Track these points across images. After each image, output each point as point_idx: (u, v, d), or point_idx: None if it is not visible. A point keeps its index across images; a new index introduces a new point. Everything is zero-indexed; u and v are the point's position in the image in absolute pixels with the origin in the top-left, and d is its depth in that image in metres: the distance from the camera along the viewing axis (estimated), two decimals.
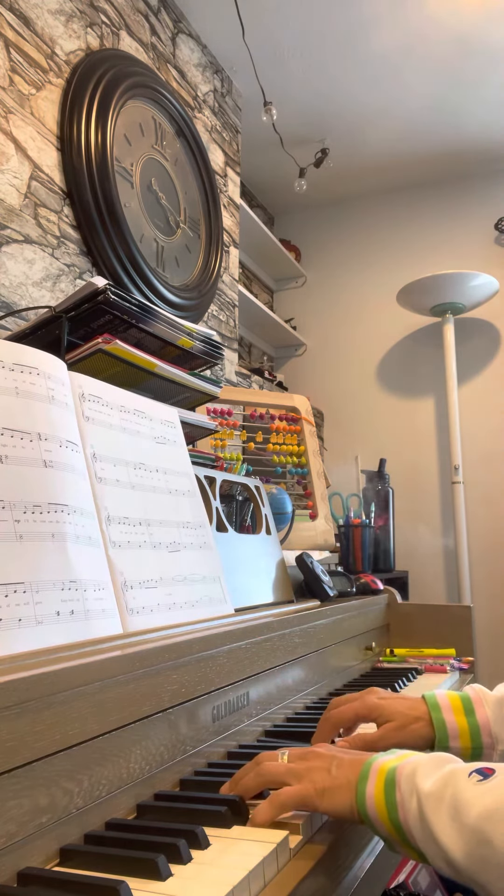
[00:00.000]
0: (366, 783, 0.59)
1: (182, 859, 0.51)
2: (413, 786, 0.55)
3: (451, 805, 0.52)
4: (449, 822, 0.52)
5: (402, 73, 2.57)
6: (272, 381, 3.00)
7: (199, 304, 2.12)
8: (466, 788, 0.52)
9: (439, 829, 0.52)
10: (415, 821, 0.54)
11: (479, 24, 2.32)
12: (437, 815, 0.53)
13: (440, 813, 0.53)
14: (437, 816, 0.53)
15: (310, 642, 1.06)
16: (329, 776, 0.61)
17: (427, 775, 0.56)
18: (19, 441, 0.68)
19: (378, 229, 3.44)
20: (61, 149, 1.64)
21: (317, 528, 1.64)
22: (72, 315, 0.95)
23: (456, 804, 0.52)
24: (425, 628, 1.51)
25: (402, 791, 0.56)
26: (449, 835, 0.51)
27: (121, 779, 0.60)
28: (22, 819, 0.49)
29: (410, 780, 0.56)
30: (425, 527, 3.15)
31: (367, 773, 0.59)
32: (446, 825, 0.52)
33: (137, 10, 1.99)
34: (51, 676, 0.52)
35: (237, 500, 1.29)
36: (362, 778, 0.59)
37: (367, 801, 0.58)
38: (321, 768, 0.62)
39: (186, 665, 0.70)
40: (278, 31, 2.34)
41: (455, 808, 0.52)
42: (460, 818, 0.51)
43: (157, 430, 0.94)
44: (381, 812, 0.57)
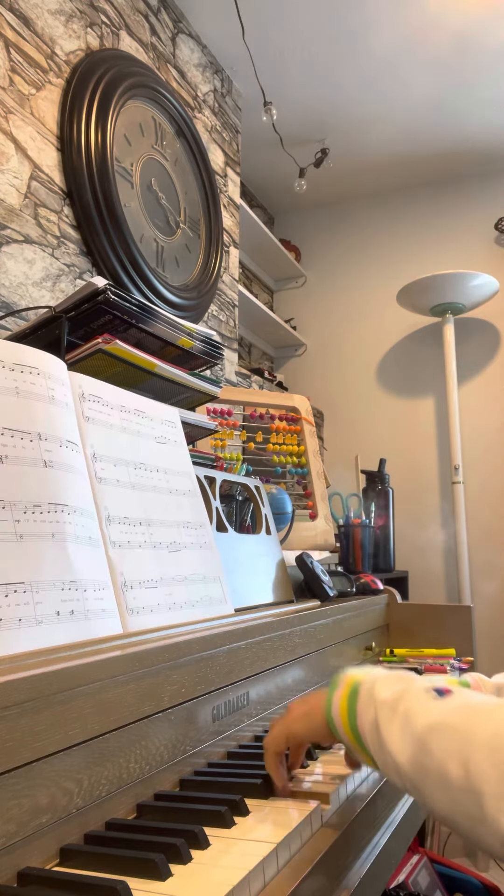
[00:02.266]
0: (334, 691, 0.65)
1: (182, 859, 0.51)
2: (372, 696, 0.61)
3: (404, 715, 0.56)
4: (399, 731, 0.56)
5: (402, 73, 2.57)
6: (272, 381, 3.00)
7: (199, 304, 2.12)
8: (420, 703, 0.57)
9: (390, 736, 0.57)
10: (370, 727, 0.59)
11: (479, 24, 2.31)
12: (389, 724, 0.57)
13: (393, 722, 0.57)
14: (390, 725, 0.57)
15: (310, 642, 1.06)
16: (305, 704, 0.68)
17: (386, 687, 0.61)
18: (19, 441, 0.68)
19: (378, 229, 3.44)
20: (61, 149, 1.64)
21: (317, 528, 1.64)
22: (72, 315, 0.95)
23: (408, 714, 0.56)
24: (425, 628, 1.51)
25: (362, 700, 0.62)
26: (397, 742, 0.56)
27: (121, 779, 0.60)
28: (22, 819, 0.49)
29: (370, 691, 0.62)
30: (425, 527, 3.15)
31: (336, 683, 0.66)
32: (396, 733, 0.56)
33: (137, 10, 1.99)
34: (51, 676, 0.52)
35: (237, 500, 1.29)
36: (332, 687, 0.66)
37: (333, 706, 0.64)
38: (298, 703, 0.70)
39: (186, 665, 0.70)
40: (278, 31, 2.34)
41: (406, 717, 0.56)
42: (409, 727, 0.55)
43: (157, 430, 0.94)
44: (343, 717, 0.62)
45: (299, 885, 0.52)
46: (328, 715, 0.64)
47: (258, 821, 0.60)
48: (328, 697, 0.65)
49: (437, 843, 2.26)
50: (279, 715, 0.71)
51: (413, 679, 0.62)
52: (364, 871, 0.59)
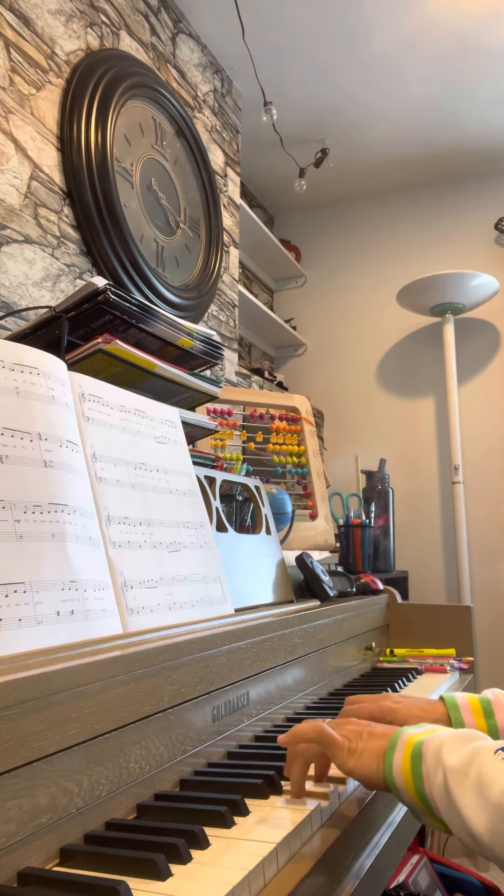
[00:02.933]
0: (393, 753, 0.61)
1: (182, 859, 0.51)
2: (439, 760, 0.58)
3: (476, 781, 0.54)
4: (473, 798, 0.54)
5: (402, 73, 2.57)
6: (272, 381, 3.00)
7: (199, 304, 2.12)
8: (492, 766, 0.54)
9: (463, 803, 0.54)
10: (440, 794, 0.57)
11: (480, 24, 2.32)
12: (461, 790, 0.55)
13: (465, 788, 0.55)
14: (462, 791, 0.55)
15: (310, 642, 1.06)
16: (361, 740, 0.65)
17: (453, 750, 0.58)
18: (19, 441, 0.68)
19: (378, 229, 3.44)
20: (61, 149, 1.64)
21: (317, 528, 1.64)
22: (72, 315, 0.95)
23: (481, 780, 0.54)
24: (425, 628, 1.51)
25: (428, 764, 0.58)
26: (473, 809, 0.53)
27: (121, 779, 0.60)
28: (22, 819, 0.49)
29: (437, 754, 0.58)
30: (425, 527, 3.15)
31: (395, 744, 0.62)
32: (471, 800, 0.54)
33: (137, 10, 1.99)
34: (51, 676, 0.52)
35: (237, 500, 1.29)
36: (390, 748, 0.62)
37: (395, 771, 0.60)
38: (355, 731, 0.66)
39: (186, 665, 0.70)
40: (278, 32, 2.34)
41: (480, 783, 0.54)
42: (484, 794, 0.53)
43: (157, 430, 0.94)
44: (408, 783, 0.59)
45: (299, 885, 0.52)
46: (389, 777, 0.61)
47: (258, 821, 0.60)
48: (387, 761, 0.62)
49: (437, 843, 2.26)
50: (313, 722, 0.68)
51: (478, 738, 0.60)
52: (364, 871, 0.59)
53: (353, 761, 0.63)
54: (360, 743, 0.64)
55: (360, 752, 0.64)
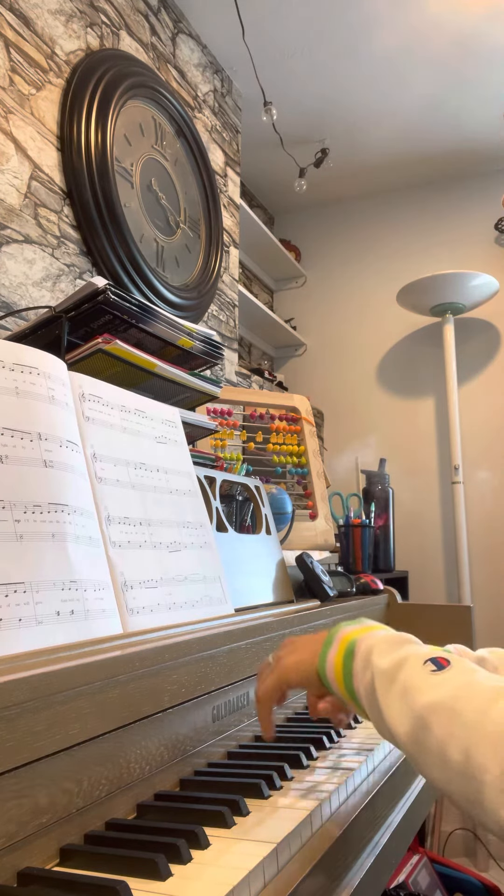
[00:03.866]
0: (329, 648, 0.66)
1: (182, 859, 0.51)
2: (368, 661, 0.61)
3: (402, 687, 0.57)
4: (397, 703, 0.57)
5: (402, 74, 2.57)
6: (272, 381, 3.00)
7: (199, 304, 2.12)
8: (419, 676, 0.57)
9: (387, 705, 0.58)
10: (366, 692, 0.60)
11: (479, 24, 2.31)
12: (387, 694, 0.58)
13: (390, 692, 0.58)
14: (387, 695, 0.58)
15: None
16: (296, 653, 0.69)
17: (383, 653, 0.61)
18: (19, 441, 0.68)
19: (378, 229, 3.44)
20: (61, 149, 1.64)
21: (317, 528, 1.64)
22: (72, 315, 0.95)
23: (406, 688, 0.57)
24: (425, 628, 1.51)
25: (358, 663, 0.62)
26: (396, 714, 0.56)
27: (121, 779, 0.60)
28: (22, 819, 0.49)
29: (367, 654, 0.62)
30: (425, 527, 3.15)
31: (331, 640, 0.66)
32: (394, 704, 0.57)
33: (137, 10, 1.99)
34: (51, 676, 0.52)
35: (237, 500, 1.29)
36: (326, 643, 0.66)
37: (327, 664, 0.65)
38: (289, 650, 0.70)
39: (186, 665, 0.70)
40: (278, 31, 2.34)
41: (405, 690, 0.56)
42: (408, 702, 0.56)
43: (157, 430, 0.94)
44: (338, 677, 0.64)
45: (299, 885, 0.52)
46: (322, 671, 0.65)
47: (258, 821, 0.60)
48: (322, 653, 0.66)
49: (437, 843, 2.26)
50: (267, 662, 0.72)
51: (410, 644, 0.62)
52: (364, 871, 0.59)
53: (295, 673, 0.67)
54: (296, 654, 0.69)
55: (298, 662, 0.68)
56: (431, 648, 0.61)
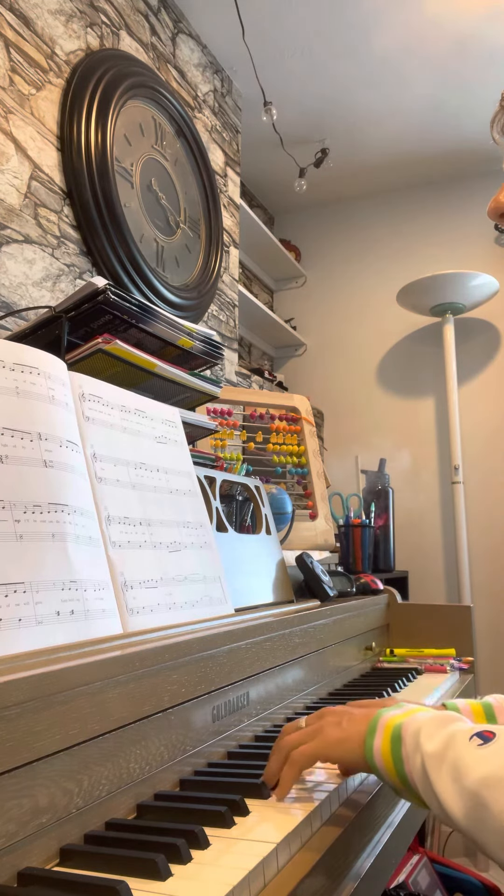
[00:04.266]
0: (373, 737, 0.63)
1: (182, 859, 0.51)
2: (417, 744, 0.59)
3: (453, 767, 0.55)
4: (450, 783, 0.55)
5: (402, 74, 2.57)
6: (272, 381, 3.00)
7: (199, 304, 2.12)
8: (467, 752, 0.55)
9: (440, 788, 0.56)
10: (419, 776, 0.58)
11: (479, 24, 2.31)
12: (438, 775, 0.56)
13: (442, 773, 0.56)
14: (439, 776, 0.56)
15: (310, 642, 1.06)
16: (340, 729, 0.66)
17: (430, 735, 0.59)
18: (19, 441, 0.68)
19: (378, 229, 3.44)
20: (61, 149, 1.64)
21: (317, 528, 1.64)
22: (72, 315, 0.95)
23: (457, 766, 0.55)
24: (425, 628, 1.51)
25: (408, 747, 0.60)
26: (450, 795, 0.55)
27: (121, 779, 0.60)
28: (22, 819, 0.49)
29: (415, 738, 0.60)
30: (425, 527, 3.15)
31: (374, 728, 0.64)
32: (447, 785, 0.55)
33: (137, 10, 1.99)
34: (51, 676, 0.52)
35: (237, 500, 1.29)
36: (370, 732, 0.64)
37: (375, 753, 0.62)
38: (333, 723, 0.67)
39: (186, 665, 0.70)
40: (278, 31, 2.34)
41: (456, 769, 0.55)
42: (460, 781, 0.54)
43: (157, 430, 0.94)
44: (388, 765, 0.61)
45: (299, 885, 0.52)
46: (370, 760, 0.63)
47: (258, 821, 0.60)
48: (368, 744, 0.63)
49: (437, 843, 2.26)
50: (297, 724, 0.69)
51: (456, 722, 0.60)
52: (364, 871, 0.59)
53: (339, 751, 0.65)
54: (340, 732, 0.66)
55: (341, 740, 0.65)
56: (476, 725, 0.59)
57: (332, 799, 0.66)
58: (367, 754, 0.63)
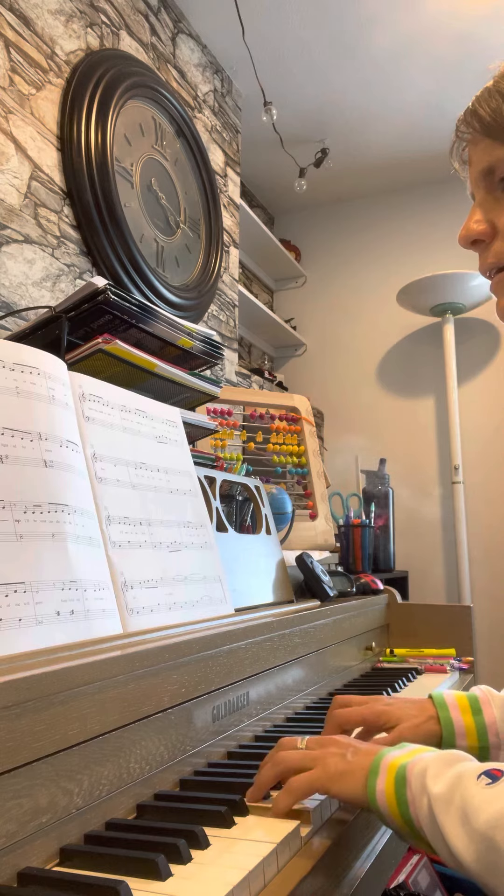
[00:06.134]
0: (376, 778, 0.60)
1: (182, 859, 0.51)
2: (423, 786, 0.56)
3: (461, 809, 0.52)
4: (459, 826, 0.52)
5: (402, 73, 2.57)
6: (272, 381, 3.00)
7: (199, 304, 2.12)
8: (475, 793, 0.52)
9: (449, 831, 0.53)
10: (426, 820, 0.55)
11: (479, 24, 2.31)
12: (446, 818, 0.53)
13: (450, 816, 0.53)
14: (447, 819, 0.53)
15: (310, 642, 1.06)
16: (344, 761, 0.62)
17: (436, 776, 0.56)
18: (19, 441, 0.68)
19: (378, 229, 3.44)
20: (61, 149, 1.64)
21: (317, 528, 1.64)
22: (72, 315, 0.95)
23: (465, 808, 0.52)
24: (425, 628, 1.51)
25: (413, 790, 0.57)
26: (459, 838, 0.52)
27: (121, 779, 0.59)
28: (22, 819, 0.49)
29: (420, 779, 0.57)
30: (425, 527, 3.15)
31: (377, 768, 0.60)
32: (456, 828, 0.52)
33: (137, 10, 1.99)
34: (51, 676, 0.52)
35: (237, 500, 1.29)
36: (372, 772, 0.60)
37: (378, 795, 0.59)
38: (336, 754, 0.64)
39: (186, 665, 0.70)
40: (278, 32, 2.34)
41: (464, 812, 0.52)
42: (469, 823, 0.51)
43: (158, 430, 0.94)
44: (392, 808, 0.58)
45: (299, 885, 0.52)
46: (372, 801, 0.59)
47: (258, 821, 0.60)
48: (370, 786, 0.60)
49: None
50: (295, 744, 0.67)
51: (461, 760, 0.58)
52: (364, 871, 0.59)
53: (339, 786, 0.61)
54: (343, 765, 0.62)
55: (343, 774, 0.62)
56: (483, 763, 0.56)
57: (331, 799, 0.66)
58: (369, 796, 0.60)
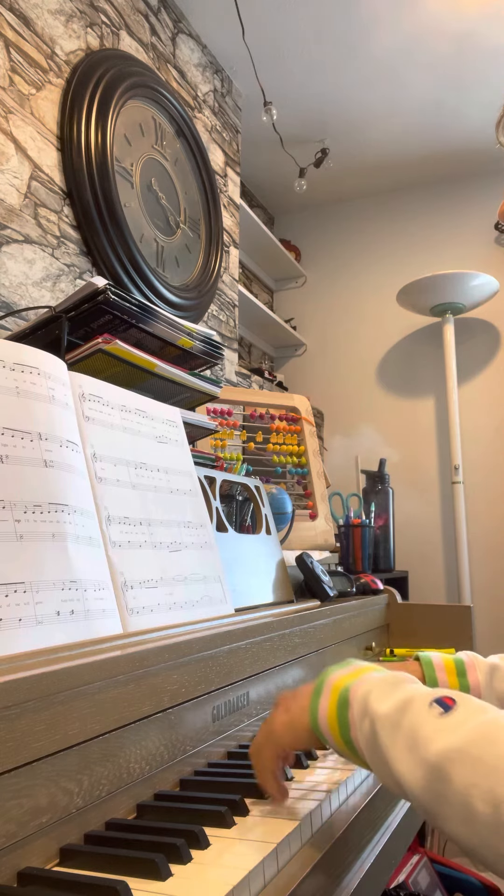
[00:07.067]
0: (319, 698, 0.60)
1: (182, 859, 0.51)
2: (366, 707, 0.55)
3: (409, 736, 0.52)
4: (405, 752, 0.51)
5: (401, 74, 2.57)
6: (272, 381, 3.00)
7: (199, 304, 2.12)
8: (426, 721, 0.52)
9: (394, 755, 0.52)
10: (367, 742, 0.54)
11: (479, 24, 2.31)
12: (392, 742, 0.52)
13: (396, 741, 0.52)
14: (393, 743, 0.52)
15: (310, 642, 1.06)
16: (288, 713, 0.62)
17: (382, 697, 0.55)
18: (19, 441, 0.68)
19: (378, 229, 3.44)
20: (61, 149, 1.64)
21: (317, 528, 1.64)
22: (72, 315, 0.95)
23: (414, 735, 0.51)
24: (425, 628, 1.51)
25: (355, 711, 0.56)
26: (405, 763, 0.51)
27: (121, 779, 0.59)
28: (22, 819, 0.49)
29: (364, 701, 0.56)
30: (425, 527, 3.15)
31: (320, 688, 0.60)
32: (402, 753, 0.51)
33: (137, 10, 1.99)
34: (51, 676, 0.52)
35: (237, 500, 1.29)
36: (315, 693, 0.60)
37: (320, 715, 0.59)
38: (280, 711, 0.63)
39: (186, 665, 0.70)
40: (278, 31, 2.34)
41: (413, 739, 0.51)
42: (418, 751, 0.50)
43: (158, 430, 0.94)
44: (333, 729, 0.58)
45: (299, 885, 0.52)
46: (314, 724, 0.59)
47: (258, 821, 0.60)
48: (312, 704, 0.59)
49: (437, 843, 2.25)
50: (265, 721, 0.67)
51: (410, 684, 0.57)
52: (364, 871, 0.59)
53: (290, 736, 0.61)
54: (288, 716, 0.62)
55: (290, 723, 0.61)
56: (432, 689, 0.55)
57: (331, 799, 0.66)
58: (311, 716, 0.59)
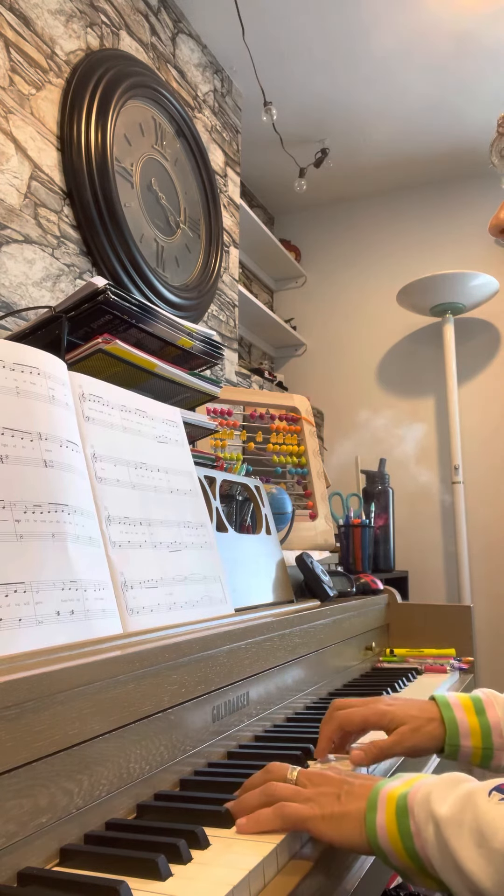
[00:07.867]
0: (375, 813, 0.55)
1: (182, 859, 0.51)
2: (428, 811, 0.52)
3: (475, 829, 0.49)
4: (474, 848, 0.48)
5: (401, 74, 2.57)
6: (272, 381, 3.00)
7: (199, 304, 2.12)
8: (489, 810, 0.49)
9: (463, 855, 0.49)
10: (433, 849, 0.51)
11: (479, 24, 2.31)
12: (459, 841, 0.49)
13: (462, 838, 0.49)
14: (460, 843, 0.49)
15: (310, 642, 1.06)
16: (338, 803, 0.57)
17: (442, 798, 0.52)
18: (19, 441, 0.68)
19: (378, 229, 3.44)
20: (61, 149, 1.64)
21: (317, 528, 1.64)
22: (72, 315, 0.95)
23: (480, 828, 0.49)
24: (425, 628, 1.51)
25: (417, 818, 0.52)
26: (475, 861, 0.48)
27: (121, 779, 0.59)
28: (22, 819, 0.49)
29: (424, 805, 0.52)
30: (425, 527, 3.15)
31: (374, 803, 0.56)
32: (471, 851, 0.48)
33: (137, 10, 1.99)
34: (51, 676, 0.52)
35: (237, 500, 1.29)
36: (370, 808, 0.55)
37: (379, 831, 0.54)
38: (330, 794, 0.58)
39: (186, 665, 0.70)
40: (278, 31, 2.34)
41: (479, 832, 0.48)
42: (487, 843, 0.48)
43: (158, 430, 0.94)
44: (395, 842, 0.53)
45: (299, 885, 0.52)
46: (373, 841, 0.54)
47: None
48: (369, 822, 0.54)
49: None
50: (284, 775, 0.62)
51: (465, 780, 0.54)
52: (364, 870, 0.59)
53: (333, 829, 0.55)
54: (337, 806, 0.57)
55: (337, 816, 0.56)
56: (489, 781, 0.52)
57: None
58: (368, 833, 0.54)
